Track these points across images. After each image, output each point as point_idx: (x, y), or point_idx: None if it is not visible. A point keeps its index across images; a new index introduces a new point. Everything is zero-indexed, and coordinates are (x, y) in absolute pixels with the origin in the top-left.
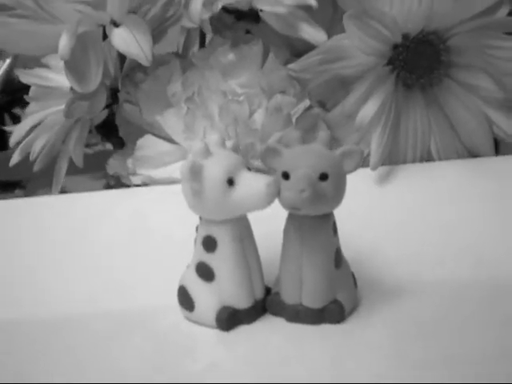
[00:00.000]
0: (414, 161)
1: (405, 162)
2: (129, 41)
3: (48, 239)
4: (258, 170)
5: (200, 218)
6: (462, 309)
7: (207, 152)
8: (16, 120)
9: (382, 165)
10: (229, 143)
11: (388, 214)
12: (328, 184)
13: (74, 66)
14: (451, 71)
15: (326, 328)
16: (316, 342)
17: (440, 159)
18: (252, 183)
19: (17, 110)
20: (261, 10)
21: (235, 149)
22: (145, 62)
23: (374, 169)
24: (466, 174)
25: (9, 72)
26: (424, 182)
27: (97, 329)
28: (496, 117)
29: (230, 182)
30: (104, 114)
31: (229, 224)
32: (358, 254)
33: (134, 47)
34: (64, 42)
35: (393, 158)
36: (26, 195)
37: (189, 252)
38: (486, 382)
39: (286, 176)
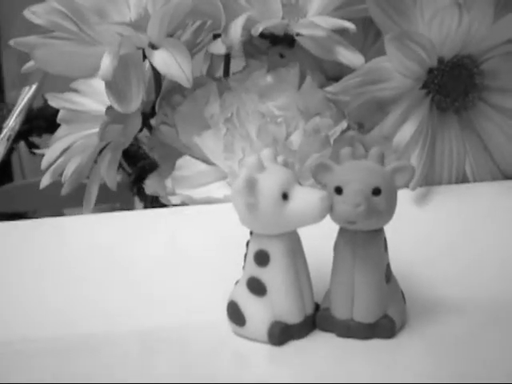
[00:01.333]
0: (449, 182)
1: (440, 183)
2: (169, 62)
3: (82, 258)
4: None
5: (251, 233)
6: (505, 326)
7: (261, 166)
8: (34, 148)
9: (419, 186)
10: (280, 158)
11: (426, 232)
12: (381, 199)
13: (115, 87)
14: (485, 94)
15: (376, 343)
16: (366, 357)
17: (475, 180)
18: (306, 197)
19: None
20: (297, 35)
21: (286, 164)
22: (186, 84)
23: (413, 189)
24: (500, 196)
25: (32, 99)
26: (460, 203)
27: (141, 346)
28: None
29: (284, 196)
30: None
31: (281, 238)
32: (402, 271)
33: (174, 69)
34: (107, 63)
35: (429, 179)
36: None
37: (227, 269)
38: None
39: (338, 191)
